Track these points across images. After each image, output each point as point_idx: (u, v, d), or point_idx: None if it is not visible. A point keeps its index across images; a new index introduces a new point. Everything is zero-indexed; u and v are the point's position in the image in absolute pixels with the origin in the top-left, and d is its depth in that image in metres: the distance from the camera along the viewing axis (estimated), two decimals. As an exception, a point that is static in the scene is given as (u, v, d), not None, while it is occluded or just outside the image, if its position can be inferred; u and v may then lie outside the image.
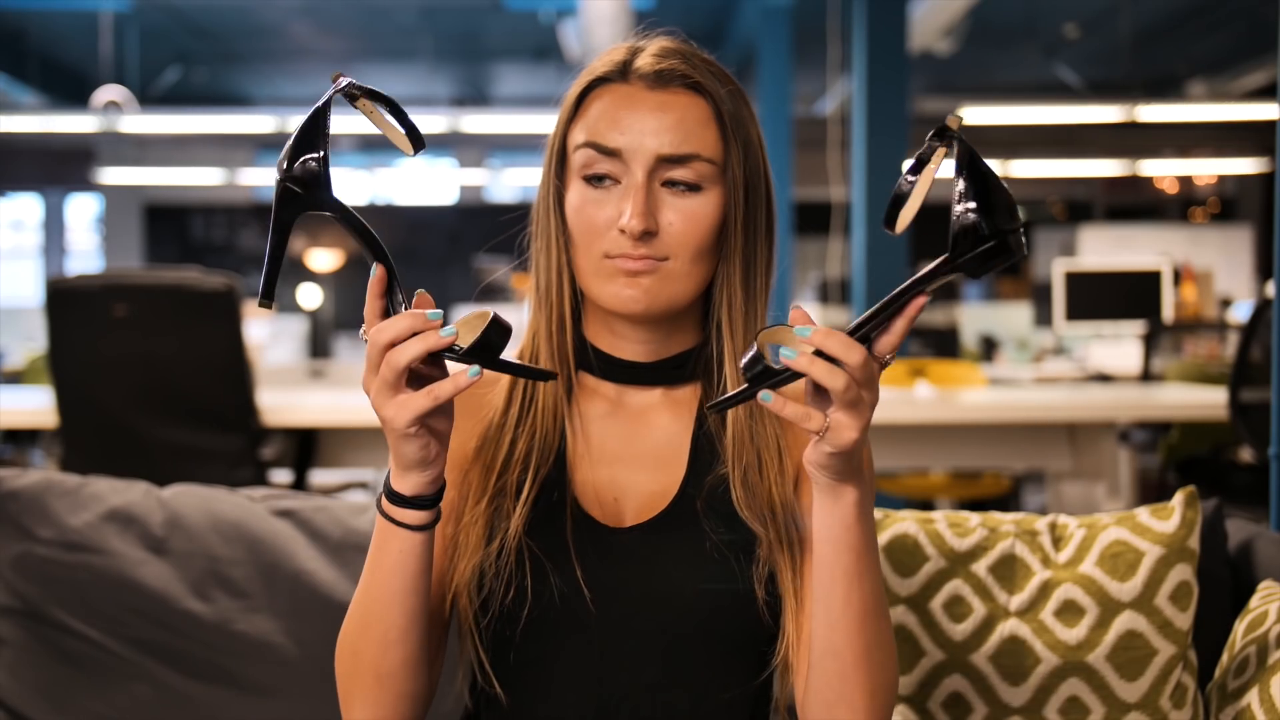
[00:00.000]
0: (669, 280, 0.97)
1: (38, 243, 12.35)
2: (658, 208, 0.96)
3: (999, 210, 0.82)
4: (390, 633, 0.92)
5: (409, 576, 0.91)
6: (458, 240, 12.03)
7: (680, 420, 1.03)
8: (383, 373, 0.83)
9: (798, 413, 0.83)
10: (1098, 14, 7.90)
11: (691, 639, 0.97)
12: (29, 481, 1.47)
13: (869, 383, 0.82)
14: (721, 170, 0.97)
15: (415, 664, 0.94)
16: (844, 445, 0.83)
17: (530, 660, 0.97)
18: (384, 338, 0.83)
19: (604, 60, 1.01)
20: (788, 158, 6.79)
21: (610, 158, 0.96)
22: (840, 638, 0.91)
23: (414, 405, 0.84)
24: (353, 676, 0.95)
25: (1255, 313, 3.22)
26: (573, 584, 0.96)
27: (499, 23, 8.25)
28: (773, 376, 0.82)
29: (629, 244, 0.95)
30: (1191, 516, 1.24)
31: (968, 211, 0.82)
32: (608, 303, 0.97)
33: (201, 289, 2.66)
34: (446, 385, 0.84)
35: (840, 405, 0.82)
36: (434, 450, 0.87)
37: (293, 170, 0.86)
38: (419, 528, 0.90)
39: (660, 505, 1.00)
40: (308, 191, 0.86)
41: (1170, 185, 12.19)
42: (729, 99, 0.98)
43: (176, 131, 8.40)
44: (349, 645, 0.95)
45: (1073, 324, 5.16)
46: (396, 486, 0.89)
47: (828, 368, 0.80)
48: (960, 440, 3.09)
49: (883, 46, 4.66)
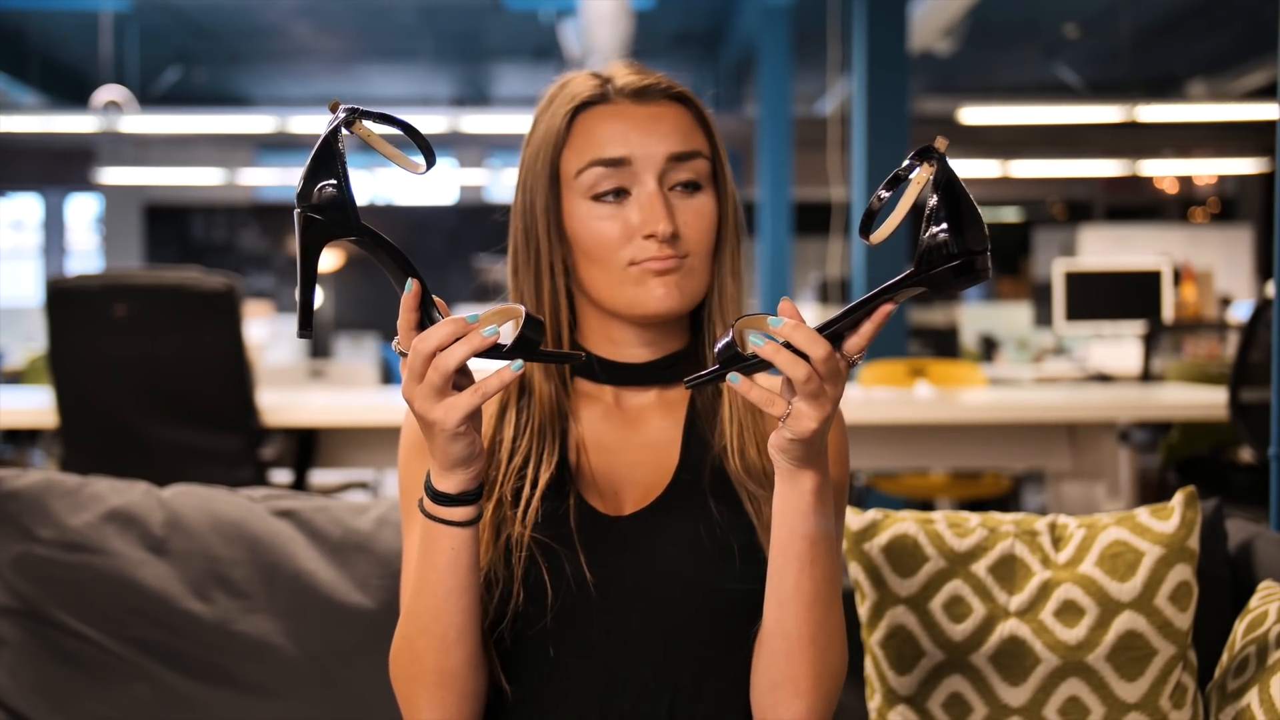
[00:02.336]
0: (691, 276, 1.03)
1: (38, 243, 12.35)
2: (673, 209, 1.02)
3: (970, 231, 0.86)
4: (450, 632, 0.95)
5: (462, 573, 0.94)
6: (458, 240, 12.03)
7: (672, 417, 1.07)
8: (430, 378, 0.86)
9: (762, 397, 0.87)
10: (1098, 14, 7.91)
11: (693, 618, 0.99)
12: (29, 481, 1.47)
13: (832, 377, 0.86)
14: (713, 170, 1.04)
15: (475, 661, 0.97)
16: (803, 433, 0.87)
17: (538, 647, 0.99)
18: (429, 346, 0.86)
19: (575, 87, 1.05)
20: (788, 158, 6.79)
21: (619, 168, 1.01)
22: (790, 619, 0.94)
23: (462, 405, 0.87)
24: (416, 681, 0.97)
25: (1255, 313, 3.22)
26: (579, 572, 0.98)
27: (499, 23, 8.25)
28: (741, 361, 0.87)
29: (656, 247, 1.00)
30: (1191, 516, 1.24)
31: (939, 230, 0.86)
32: (643, 306, 1.02)
33: (201, 289, 2.66)
34: (493, 381, 0.87)
35: (802, 395, 0.86)
36: (478, 446, 0.91)
37: (311, 199, 0.87)
38: (467, 523, 0.93)
39: (655, 493, 1.03)
40: (329, 217, 0.87)
41: (1170, 185, 12.19)
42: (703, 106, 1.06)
43: (176, 131, 8.40)
44: (408, 649, 0.97)
45: (1073, 324, 5.15)
46: (441, 487, 0.92)
47: (791, 358, 0.85)
48: (960, 440, 3.09)
49: (883, 46, 4.66)
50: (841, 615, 0.97)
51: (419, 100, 10.16)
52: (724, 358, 0.88)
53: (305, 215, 0.87)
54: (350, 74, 9.86)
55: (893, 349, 4.36)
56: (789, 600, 0.94)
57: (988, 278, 0.86)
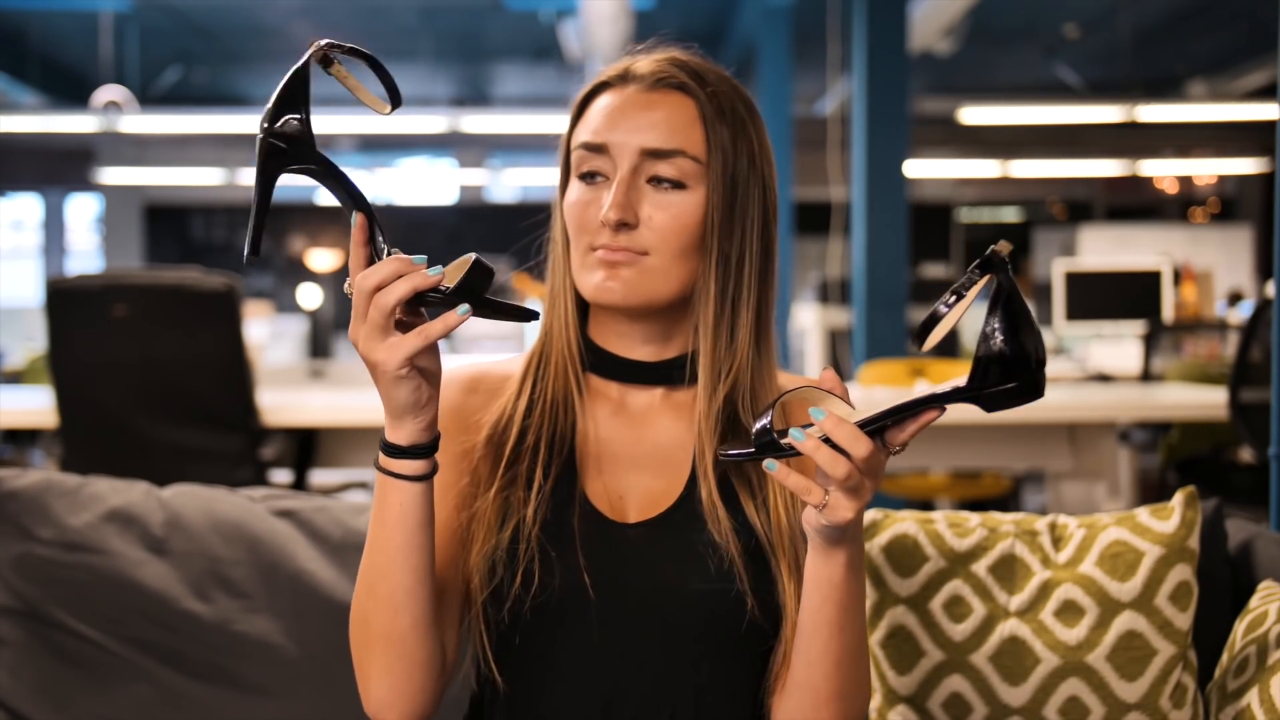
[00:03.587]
0: (648, 275, 0.99)
1: (38, 243, 12.35)
2: (639, 201, 0.98)
3: (1028, 351, 0.83)
4: (397, 593, 0.93)
5: (411, 530, 0.92)
6: (458, 240, 12.03)
7: (681, 422, 1.05)
8: (371, 316, 0.85)
9: (800, 485, 0.86)
10: (1098, 14, 7.90)
11: (693, 634, 0.98)
12: (29, 481, 1.47)
13: (872, 473, 0.85)
14: (706, 169, 0.99)
15: (425, 628, 0.95)
16: (839, 522, 0.86)
17: (535, 648, 0.99)
18: (370, 282, 0.85)
19: (610, 68, 1.04)
20: (788, 158, 6.78)
21: (599, 154, 1.00)
22: (817, 676, 0.95)
23: (405, 346, 0.85)
24: (365, 646, 0.95)
25: (1255, 313, 3.22)
26: (578, 574, 0.97)
27: (499, 23, 8.25)
28: (779, 450, 0.86)
29: (608, 235, 0.98)
30: (1191, 516, 1.24)
31: (999, 346, 0.83)
32: (589, 293, 1.00)
33: (201, 289, 2.66)
34: (437, 325, 0.86)
35: (840, 489, 0.85)
36: (426, 394, 0.89)
37: (274, 127, 0.88)
38: (418, 478, 0.91)
39: (664, 504, 1.01)
40: (291, 147, 0.88)
41: (1170, 185, 12.19)
42: (718, 100, 1.00)
43: (176, 131, 8.40)
44: (359, 614, 0.96)
45: (1073, 324, 5.15)
46: (392, 438, 0.91)
47: (832, 456, 0.84)
48: (960, 440, 3.09)
49: (883, 46, 4.66)
50: (867, 664, 0.98)
51: (419, 100, 10.14)
52: (761, 442, 0.87)
53: (267, 142, 0.88)
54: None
55: (893, 349, 4.36)
56: (817, 660, 0.94)
57: (1042, 395, 0.84)
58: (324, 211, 12.35)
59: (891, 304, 4.54)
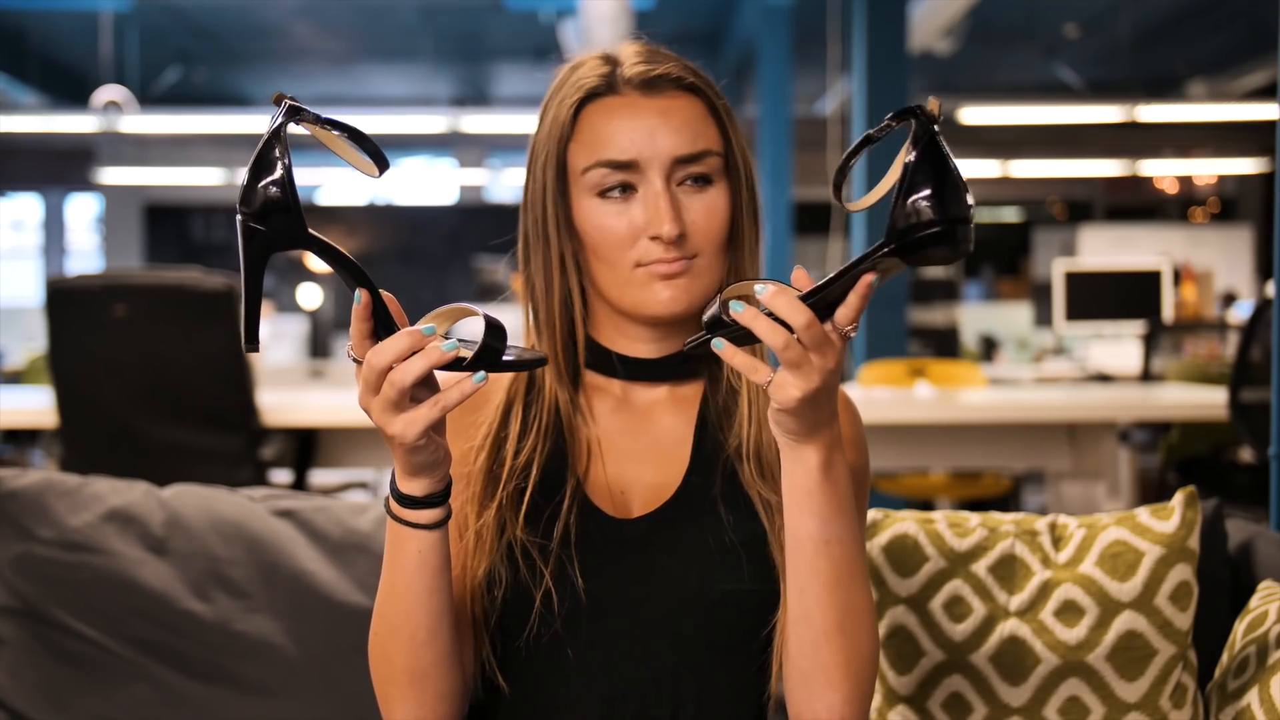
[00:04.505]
0: (699, 276, 0.99)
1: (38, 243, 12.35)
2: (680, 208, 0.98)
3: (950, 197, 0.79)
4: (419, 633, 0.93)
5: (430, 575, 0.91)
6: (458, 240, 12.02)
7: (683, 416, 1.04)
8: (385, 393, 0.84)
9: (745, 363, 0.84)
10: (1098, 14, 7.90)
11: (698, 629, 0.98)
12: (29, 481, 1.47)
13: (817, 346, 0.83)
14: (726, 162, 1.00)
15: (448, 662, 0.95)
16: (787, 403, 0.84)
17: (540, 651, 0.98)
18: (383, 360, 0.83)
19: (583, 74, 1.01)
20: (788, 158, 6.78)
21: (625, 171, 0.98)
22: (811, 604, 0.91)
23: (421, 419, 0.84)
24: (389, 681, 0.95)
25: (1255, 313, 3.22)
26: (582, 576, 0.97)
27: (499, 23, 8.25)
28: (724, 328, 0.84)
29: (662, 249, 0.97)
30: (1191, 516, 1.24)
31: (918, 196, 0.80)
32: (649, 308, 0.99)
33: (201, 289, 2.66)
34: (453, 394, 0.84)
35: (784, 363, 0.83)
36: (442, 451, 0.88)
37: (253, 204, 0.81)
38: (434, 526, 0.91)
39: (665, 496, 1.01)
40: (272, 225, 0.81)
41: (1170, 185, 12.19)
42: (711, 87, 1.01)
43: (176, 131, 8.40)
44: (380, 651, 0.95)
45: (1073, 324, 5.16)
46: (406, 490, 0.89)
47: (770, 325, 0.82)
48: (960, 440, 3.09)
49: (883, 46, 4.66)
50: (869, 599, 0.93)
51: (419, 100, 10.15)
52: (709, 324, 0.85)
53: (247, 225, 0.81)
54: (350, 74, 9.85)
55: (893, 349, 4.36)
56: (807, 585, 0.91)
57: (969, 251, 0.80)
58: (324, 211, 12.35)
59: (891, 304, 4.54)
